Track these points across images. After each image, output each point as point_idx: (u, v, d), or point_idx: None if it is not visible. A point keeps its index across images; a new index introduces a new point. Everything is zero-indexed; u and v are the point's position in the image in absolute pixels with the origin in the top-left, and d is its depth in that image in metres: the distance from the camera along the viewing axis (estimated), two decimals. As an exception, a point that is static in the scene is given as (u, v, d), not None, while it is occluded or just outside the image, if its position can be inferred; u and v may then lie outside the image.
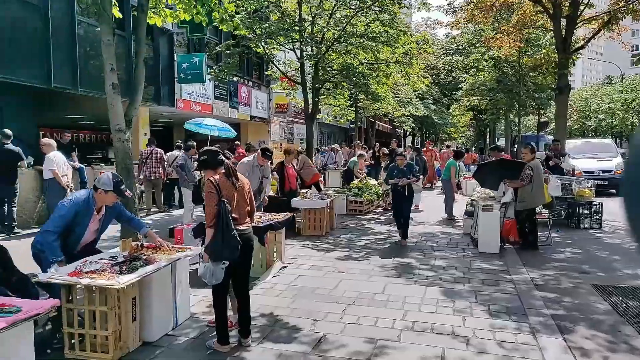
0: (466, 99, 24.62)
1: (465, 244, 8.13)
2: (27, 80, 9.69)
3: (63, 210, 3.84)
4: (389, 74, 13.68)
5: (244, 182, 3.93)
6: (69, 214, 3.83)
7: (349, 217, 11.18)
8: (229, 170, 3.81)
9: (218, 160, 3.84)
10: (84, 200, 3.94)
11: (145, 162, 11.63)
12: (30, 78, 9.74)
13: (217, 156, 3.87)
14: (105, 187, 3.94)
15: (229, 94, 17.73)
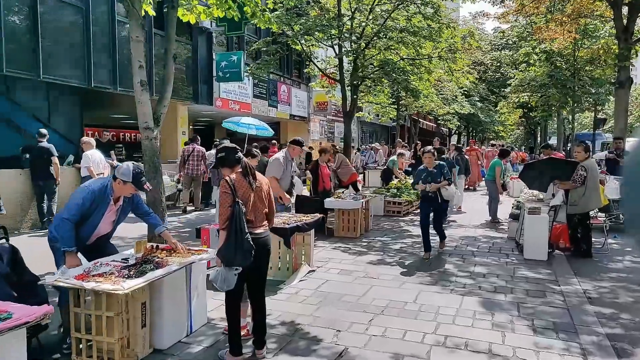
0: (515, 95, 23.48)
1: (510, 250, 7.57)
2: (67, 80, 9.90)
3: (79, 198, 3.66)
4: (431, 69, 13.13)
5: (262, 182, 3.67)
6: (85, 202, 3.64)
7: (386, 218, 10.77)
8: (246, 169, 3.57)
9: (236, 158, 3.60)
10: (101, 188, 3.73)
11: (186, 160, 11.66)
12: (71, 78, 9.94)
13: (235, 154, 3.62)
14: (124, 178, 3.72)
15: (268, 93, 17.66)
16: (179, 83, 13.11)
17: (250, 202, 3.51)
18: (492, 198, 10.34)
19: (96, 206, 3.70)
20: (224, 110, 15.01)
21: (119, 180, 3.74)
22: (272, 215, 3.78)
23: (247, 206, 3.47)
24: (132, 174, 3.72)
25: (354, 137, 28.85)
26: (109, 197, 3.76)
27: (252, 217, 3.50)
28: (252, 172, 3.60)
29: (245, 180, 3.52)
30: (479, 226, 9.85)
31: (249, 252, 3.32)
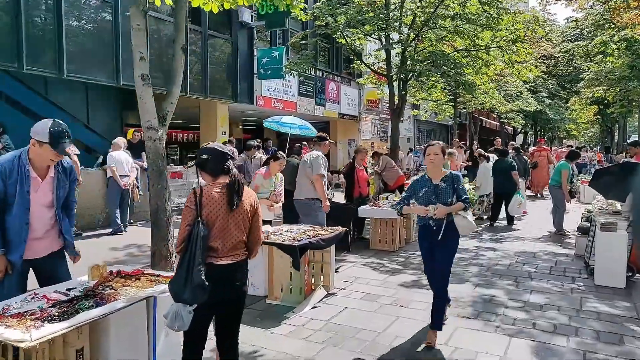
0: (588, 90, 21.22)
1: (576, 272, 6.30)
2: (97, 79, 9.66)
3: None
4: (489, 62, 11.78)
5: (247, 202, 2.84)
6: None
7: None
8: (233, 185, 2.76)
9: (222, 168, 2.80)
10: (11, 158, 2.96)
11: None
12: (100, 76, 9.69)
13: (223, 163, 2.81)
14: (38, 137, 2.93)
15: (315, 91, 16.92)
16: (218, 81, 12.68)
17: (219, 225, 2.71)
18: (557, 206, 8.95)
19: (12, 182, 2.94)
20: (267, 109, 14.43)
21: (34, 141, 2.95)
22: (256, 244, 2.94)
23: (212, 229, 2.69)
24: (49, 133, 2.92)
25: (409, 137, 27.58)
26: (25, 167, 2.97)
27: (217, 245, 2.70)
28: (239, 189, 2.79)
29: (223, 197, 2.73)
30: (540, 239, 8.53)
31: (199, 288, 2.52)
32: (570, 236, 8.74)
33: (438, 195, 3.94)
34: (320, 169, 6.08)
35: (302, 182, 6.29)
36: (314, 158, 6.24)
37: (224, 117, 13.48)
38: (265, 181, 5.63)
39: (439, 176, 4.00)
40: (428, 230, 4.02)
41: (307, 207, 6.25)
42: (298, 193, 6.30)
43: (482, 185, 10.38)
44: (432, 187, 3.97)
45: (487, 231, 9.33)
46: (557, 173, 8.90)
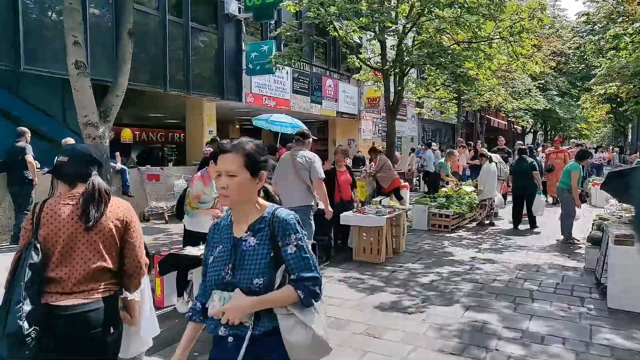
0: (600, 87, 20.22)
1: (586, 290, 5.45)
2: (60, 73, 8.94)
3: None
4: (492, 55, 10.91)
5: (113, 217, 2.09)
6: None
7: (429, 235, 8.84)
8: (91, 194, 2.02)
9: (81, 172, 2.07)
10: None
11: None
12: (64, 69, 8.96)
13: (84, 162, 2.09)
14: None
15: (310, 88, 16.13)
16: (202, 77, 11.93)
17: (62, 248, 1.95)
18: (566, 212, 8.09)
19: None
20: (257, 106, 13.67)
21: None
22: (134, 272, 2.17)
23: (52, 254, 1.94)
24: None
25: (413, 137, 26.69)
26: None
27: (61, 275, 1.94)
28: (99, 201, 2.03)
29: (74, 212, 1.98)
30: (546, 249, 7.68)
31: (15, 339, 1.76)
32: (580, 245, 7.87)
33: (238, 264, 1.74)
34: (321, 172, 5.67)
35: (294, 186, 5.65)
36: (310, 160, 5.60)
37: (211, 115, 12.74)
38: (206, 187, 4.86)
39: (246, 221, 1.81)
40: (222, 348, 1.75)
41: (303, 215, 5.58)
42: (289, 199, 5.57)
43: (484, 188, 9.53)
44: (230, 246, 1.79)
45: (487, 238, 8.49)
46: (566, 175, 8.04)
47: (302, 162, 5.63)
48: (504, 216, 10.98)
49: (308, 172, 5.64)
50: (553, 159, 12.89)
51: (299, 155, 5.72)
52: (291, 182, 5.67)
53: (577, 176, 7.83)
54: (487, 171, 9.56)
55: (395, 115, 11.54)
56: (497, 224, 9.91)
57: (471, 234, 8.98)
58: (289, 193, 5.60)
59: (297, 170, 5.63)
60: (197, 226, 4.91)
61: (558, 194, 8.25)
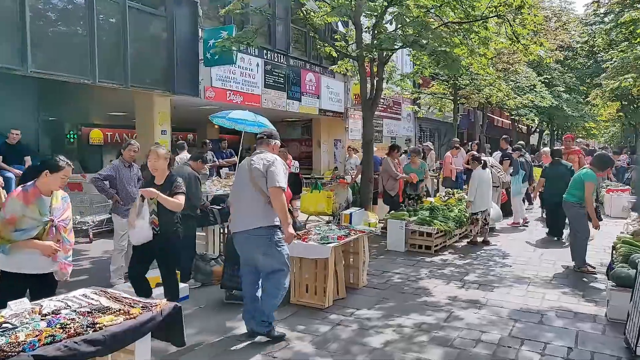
0: (612, 81, 18.34)
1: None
2: None
3: None
4: (487, 38, 9.11)
5: None
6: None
7: (407, 258, 7.09)
8: None
9: None
10: None
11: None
12: None
13: None
14: None
15: (287, 82, 14.39)
16: (145, 67, 10.12)
17: None
18: (577, 232, 6.29)
19: None
20: (220, 103, 11.94)
21: None
22: None
23: None
24: None
25: (410, 137, 24.87)
26: None
27: None
28: None
29: None
30: (552, 281, 5.89)
31: None
32: (596, 275, 6.11)
33: None
34: (280, 178, 3.99)
35: (251, 203, 4.03)
36: (268, 163, 3.99)
37: (164, 113, 11.01)
38: (28, 208, 3.15)
39: None
40: None
41: (263, 241, 4.01)
42: (241, 221, 4.06)
43: (474, 199, 7.76)
44: None
45: (478, 264, 6.71)
46: (577, 185, 6.23)
47: (259, 167, 4.01)
48: (501, 231, 9.22)
49: (267, 181, 4.00)
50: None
51: (256, 159, 4.09)
52: (247, 197, 4.05)
53: (593, 188, 6.05)
54: (478, 178, 7.79)
55: (373, 110, 9.77)
56: (494, 243, 8.13)
57: (459, 257, 7.20)
58: (243, 213, 4.07)
59: (254, 179, 4.01)
60: (15, 266, 3.26)
61: (566, 209, 6.44)
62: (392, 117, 22.41)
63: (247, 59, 12.66)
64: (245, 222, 4.03)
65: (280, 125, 19.15)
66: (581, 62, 31.85)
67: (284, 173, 4.06)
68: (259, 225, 3.98)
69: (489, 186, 7.91)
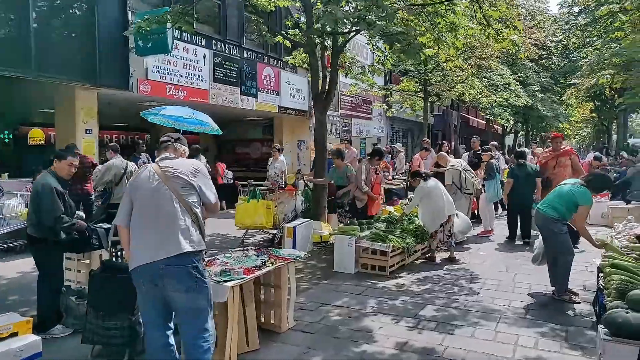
0: (588, 79, 17.57)
1: None
2: None
3: None
4: (455, 25, 7.96)
5: None
6: None
7: (356, 282, 5.87)
8: None
9: None
10: None
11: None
12: None
13: None
14: None
15: (241, 76, 13.06)
16: (59, 54, 8.64)
17: None
18: (558, 253, 5.14)
19: None
20: (159, 97, 10.56)
21: None
22: None
23: None
24: None
25: (380, 137, 23.77)
26: None
27: None
28: None
29: None
30: (526, 315, 4.72)
31: None
32: (577, 301, 5.00)
33: None
34: (213, 188, 3.22)
35: (163, 222, 3.04)
36: (196, 169, 3.15)
37: (89, 108, 9.57)
38: None
39: None
40: None
41: (186, 273, 3.03)
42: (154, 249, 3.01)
43: (424, 218, 6.75)
44: None
45: (439, 290, 5.51)
46: (564, 202, 5.01)
47: (183, 175, 3.07)
48: (470, 242, 8.10)
49: (197, 193, 3.08)
50: (552, 167, 7.94)
51: (173, 165, 3.10)
52: (164, 215, 3.01)
53: (587, 213, 4.95)
54: (424, 194, 6.69)
55: (327, 106, 8.55)
56: (461, 259, 6.98)
57: (417, 280, 6.00)
58: (158, 237, 3.01)
59: (176, 191, 3.03)
60: None
61: (541, 225, 5.28)
62: (361, 117, 21.26)
63: (192, 49, 11.30)
64: (162, 249, 2.95)
65: (238, 125, 17.84)
66: (555, 62, 31.38)
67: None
68: (184, 249, 2.95)
69: (440, 198, 6.74)
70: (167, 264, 2.93)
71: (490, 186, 8.62)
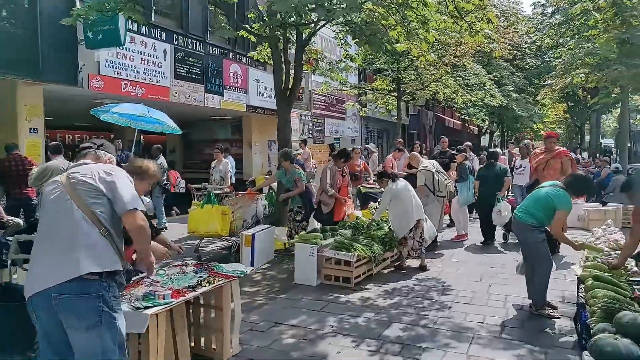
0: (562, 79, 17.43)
1: None
2: None
3: None
4: (427, 18, 7.49)
5: None
6: None
7: (318, 296, 5.32)
8: None
9: None
10: None
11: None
12: None
13: None
14: None
15: (205, 73, 12.38)
16: (11, 47, 7.98)
17: None
18: (536, 264, 4.68)
19: None
20: (113, 95, 9.83)
21: None
22: None
23: None
24: None
25: (354, 138, 23.32)
26: None
27: None
28: None
29: None
30: (501, 334, 4.24)
31: None
32: (556, 316, 4.56)
33: None
34: (135, 198, 2.53)
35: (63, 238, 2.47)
36: (107, 173, 2.59)
37: (34, 106, 8.78)
38: None
39: None
40: None
41: (87, 305, 2.43)
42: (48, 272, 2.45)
43: (392, 223, 6.28)
44: None
45: (407, 304, 5.00)
46: (541, 206, 4.56)
47: (90, 181, 2.50)
48: (443, 247, 7.65)
49: (109, 204, 2.48)
50: (541, 170, 7.02)
51: (80, 171, 2.54)
52: (63, 230, 2.45)
53: (565, 218, 4.49)
54: (390, 195, 6.20)
55: (291, 104, 7.98)
56: (433, 265, 6.51)
57: (384, 293, 5.48)
58: (54, 257, 2.42)
59: (80, 199, 2.44)
60: None
61: (518, 232, 4.82)
62: (335, 117, 20.76)
63: (150, 43, 10.59)
64: (53, 274, 2.36)
65: (206, 125, 17.12)
66: (529, 63, 31.49)
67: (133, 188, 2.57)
68: (82, 271, 2.35)
69: (409, 201, 6.25)
70: (60, 293, 2.33)
71: (463, 189, 8.20)
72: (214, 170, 9.39)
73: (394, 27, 7.72)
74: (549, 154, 6.95)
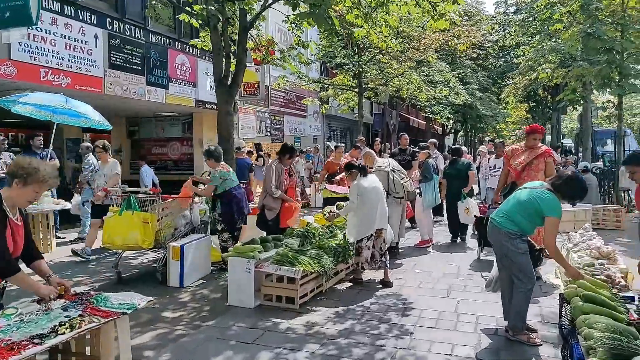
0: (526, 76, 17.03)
1: None
2: None
3: None
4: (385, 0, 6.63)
5: None
6: None
7: (256, 321, 4.33)
8: None
9: None
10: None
11: None
12: None
13: None
14: None
15: (146, 63, 11.19)
16: None
17: None
18: (516, 279, 3.85)
19: None
20: (30, 84, 8.54)
21: None
22: None
23: None
24: None
25: (316, 136, 22.44)
26: None
27: None
28: None
29: None
30: (478, 375, 3.40)
31: None
32: (538, 342, 3.75)
33: None
34: None
35: None
36: None
37: None
38: None
39: None
40: None
41: None
42: None
43: (349, 222, 5.34)
44: None
45: (360, 330, 4.09)
46: (524, 211, 3.74)
47: None
48: (406, 255, 6.82)
49: None
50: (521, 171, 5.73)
51: None
52: None
53: (557, 226, 3.67)
54: (358, 190, 5.29)
55: (233, 93, 6.96)
56: (395, 280, 5.63)
57: (335, 315, 4.55)
58: None
59: None
60: None
61: (496, 240, 3.97)
62: (295, 114, 19.80)
63: (78, 26, 9.33)
64: None
65: (154, 122, 15.82)
66: (492, 63, 31.47)
67: None
68: None
69: (378, 199, 5.38)
70: None
71: (428, 189, 7.39)
72: (96, 174, 7.37)
73: (351, 10, 6.86)
74: (532, 153, 5.66)
